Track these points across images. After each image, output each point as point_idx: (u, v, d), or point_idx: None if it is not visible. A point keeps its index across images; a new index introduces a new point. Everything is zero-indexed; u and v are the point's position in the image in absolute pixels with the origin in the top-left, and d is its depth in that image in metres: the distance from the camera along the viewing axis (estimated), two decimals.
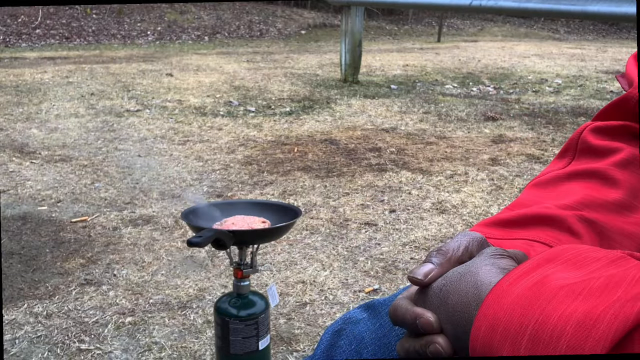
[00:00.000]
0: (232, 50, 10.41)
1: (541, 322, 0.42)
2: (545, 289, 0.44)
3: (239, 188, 3.32)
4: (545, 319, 0.42)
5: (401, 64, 8.42)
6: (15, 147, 4.11)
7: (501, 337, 0.44)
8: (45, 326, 1.99)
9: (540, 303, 0.43)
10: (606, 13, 3.68)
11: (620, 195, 0.65)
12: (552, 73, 7.74)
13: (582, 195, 0.65)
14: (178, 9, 13.56)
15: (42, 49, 10.34)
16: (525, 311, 0.44)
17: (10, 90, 6.01)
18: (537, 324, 0.43)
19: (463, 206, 3.06)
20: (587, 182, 0.67)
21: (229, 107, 5.43)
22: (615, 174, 0.66)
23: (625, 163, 0.67)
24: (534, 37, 14.26)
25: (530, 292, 0.45)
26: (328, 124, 4.83)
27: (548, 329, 0.42)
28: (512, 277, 0.47)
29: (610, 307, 0.41)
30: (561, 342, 0.41)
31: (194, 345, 1.89)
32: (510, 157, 3.91)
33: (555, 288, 0.44)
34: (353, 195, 3.20)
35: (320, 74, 7.33)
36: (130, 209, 3.02)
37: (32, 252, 2.55)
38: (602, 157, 0.69)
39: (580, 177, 0.68)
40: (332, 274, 2.35)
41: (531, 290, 0.45)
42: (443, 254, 0.54)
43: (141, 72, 7.15)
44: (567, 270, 0.46)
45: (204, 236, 1.20)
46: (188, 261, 2.45)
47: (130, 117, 5.00)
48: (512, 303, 0.45)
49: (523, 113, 5.29)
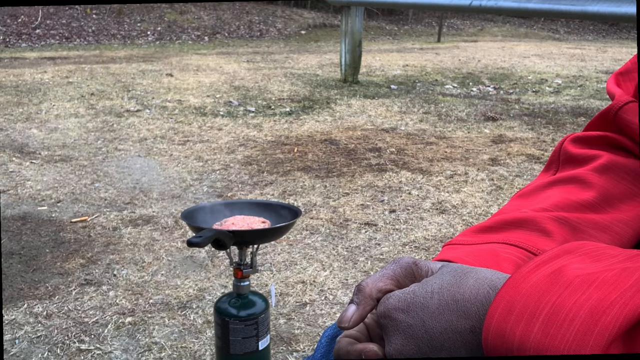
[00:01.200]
0: (232, 50, 10.41)
1: (557, 306, 0.44)
2: (562, 277, 0.46)
3: (239, 188, 3.32)
4: (560, 304, 0.44)
5: (401, 64, 8.42)
6: (15, 147, 4.11)
7: (516, 318, 0.45)
8: (45, 326, 1.99)
9: (557, 289, 0.45)
10: (606, 13, 3.68)
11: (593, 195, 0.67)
12: (552, 73, 7.75)
13: (558, 198, 0.68)
14: (178, 9, 13.56)
15: (42, 49, 10.34)
16: (542, 296, 0.45)
17: (10, 90, 6.01)
18: (553, 308, 0.44)
19: (463, 206, 3.06)
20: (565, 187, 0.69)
21: (229, 107, 5.43)
22: (591, 178, 0.68)
23: (604, 168, 0.69)
24: (534, 37, 14.26)
25: (548, 280, 0.46)
26: (328, 124, 4.83)
27: (562, 313, 0.43)
28: (531, 265, 0.48)
29: (621, 295, 0.42)
30: (573, 325, 0.43)
31: (194, 345, 1.89)
32: (510, 157, 3.91)
33: (572, 277, 0.45)
34: (353, 196, 3.20)
35: (320, 74, 7.33)
36: (130, 209, 3.02)
37: (32, 252, 2.55)
38: (582, 164, 0.72)
39: (559, 183, 0.71)
40: (332, 274, 2.35)
41: (548, 278, 0.46)
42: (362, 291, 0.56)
43: (141, 72, 7.15)
44: (584, 262, 0.48)
45: (204, 236, 1.20)
46: (188, 261, 2.45)
47: (130, 117, 5.00)
48: (529, 288, 0.46)
49: (523, 113, 5.29)
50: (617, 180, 0.68)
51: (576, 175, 0.70)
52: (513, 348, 0.45)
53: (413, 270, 0.56)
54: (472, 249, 0.63)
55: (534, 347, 0.44)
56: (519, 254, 0.62)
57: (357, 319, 0.55)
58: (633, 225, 0.66)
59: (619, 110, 0.69)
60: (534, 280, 0.47)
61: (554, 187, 0.70)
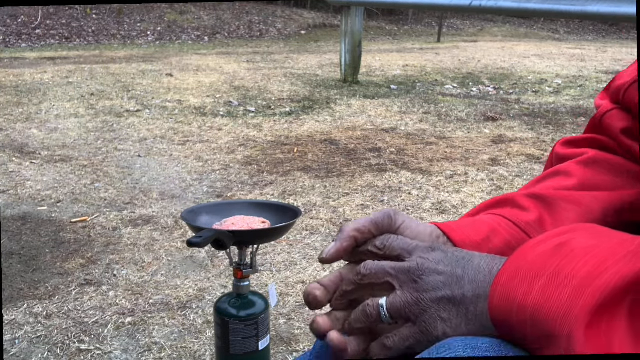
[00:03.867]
0: (232, 50, 10.41)
1: (557, 270, 0.47)
2: (566, 247, 0.49)
3: (239, 188, 3.32)
4: (561, 269, 0.47)
5: (401, 64, 8.42)
6: (15, 147, 4.11)
7: (520, 280, 0.48)
8: (45, 326, 1.99)
9: (560, 257, 0.48)
10: (606, 13, 3.68)
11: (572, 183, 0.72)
12: (552, 73, 7.75)
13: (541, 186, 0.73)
14: (178, 9, 13.56)
15: (42, 49, 10.34)
16: (546, 262, 0.48)
17: (10, 90, 6.01)
18: (554, 272, 0.47)
19: (463, 206, 3.06)
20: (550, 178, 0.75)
21: (229, 107, 5.43)
22: (574, 169, 0.73)
23: (589, 161, 0.74)
24: (534, 37, 14.26)
25: (553, 250, 0.49)
26: (328, 124, 4.83)
27: (561, 276, 0.46)
28: (537, 239, 0.52)
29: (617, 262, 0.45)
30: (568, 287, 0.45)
31: (193, 345, 1.89)
32: (510, 157, 3.91)
33: (575, 247, 0.48)
34: (353, 196, 3.20)
35: (320, 74, 7.33)
36: (130, 209, 3.02)
37: (32, 252, 2.55)
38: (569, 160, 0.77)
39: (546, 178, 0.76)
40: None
41: (554, 249, 0.49)
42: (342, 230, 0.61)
43: (141, 73, 7.15)
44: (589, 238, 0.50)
45: (203, 236, 1.20)
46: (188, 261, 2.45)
47: (130, 117, 5.00)
48: (535, 257, 0.49)
49: (523, 113, 5.29)
50: (599, 171, 0.73)
51: (560, 168, 0.75)
52: (514, 308, 0.47)
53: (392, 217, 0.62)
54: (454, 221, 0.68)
55: (531, 306, 0.46)
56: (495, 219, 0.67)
57: (334, 253, 0.61)
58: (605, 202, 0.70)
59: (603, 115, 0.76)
60: (540, 250, 0.50)
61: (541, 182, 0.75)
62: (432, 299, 0.52)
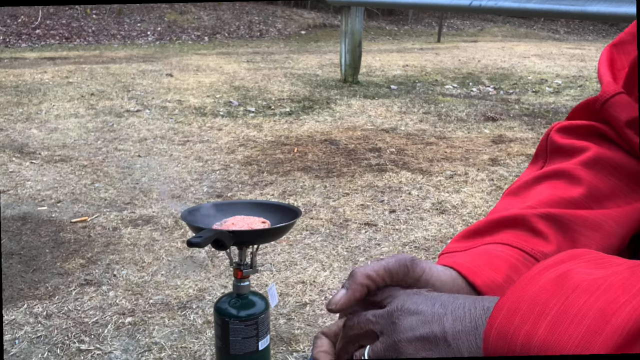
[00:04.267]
0: (232, 50, 10.41)
1: (565, 307, 0.44)
2: (569, 280, 0.46)
3: (239, 188, 3.32)
4: (569, 305, 0.44)
5: (401, 64, 8.42)
6: (15, 147, 4.11)
7: (522, 318, 0.45)
8: (45, 326, 1.99)
9: (564, 292, 0.45)
10: (606, 13, 3.68)
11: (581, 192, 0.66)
12: (552, 73, 7.75)
13: (548, 194, 0.67)
14: (178, 9, 13.56)
15: (42, 49, 10.34)
16: (549, 298, 0.45)
17: (10, 90, 6.01)
18: (561, 308, 0.44)
19: (463, 206, 3.06)
20: (554, 182, 0.69)
21: (229, 107, 5.43)
22: (579, 173, 0.67)
23: (592, 162, 0.68)
24: (534, 37, 14.26)
25: (554, 283, 0.46)
26: (328, 124, 4.83)
27: (570, 314, 0.43)
28: (535, 270, 0.48)
29: (631, 299, 0.42)
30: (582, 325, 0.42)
31: (193, 345, 1.89)
32: (510, 157, 3.91)
33: (579, 280, 0.45)
34: (353, 196, 3.20)
35: (320, 74, 7.33)
36: (130, 209, 3.02)
37: (32, 252, 2.55)
38: (569, 156, 0.71)
39: (548, 178, 0.70)
40: (332, 274, 2.35)
41: (555, 281, 0.46)
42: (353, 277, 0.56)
43: (141, 73, 7.15)
44: (589, 267, 0.47)
45: (204, 236, 1.20)
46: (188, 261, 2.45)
47: (130, 117, 5.00)
48: (536, 291, 0.46)
49: (523, 113, 5.29)
50: (605, 176, 0.68)
51: (564, 169, 0.69)
52: (516, 348, 0.45)
53: (408, 267, 0.57)
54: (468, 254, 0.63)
55: (539, 345, 0.43)
56: (513, 253, 0.62)
57: (345, 302, 0.56)
58: (622, 224, 0.65)
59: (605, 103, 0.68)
60: (540, 283, 0.46)
61: (542, 182, 0.70)
62: (409, 339, 0.50)
